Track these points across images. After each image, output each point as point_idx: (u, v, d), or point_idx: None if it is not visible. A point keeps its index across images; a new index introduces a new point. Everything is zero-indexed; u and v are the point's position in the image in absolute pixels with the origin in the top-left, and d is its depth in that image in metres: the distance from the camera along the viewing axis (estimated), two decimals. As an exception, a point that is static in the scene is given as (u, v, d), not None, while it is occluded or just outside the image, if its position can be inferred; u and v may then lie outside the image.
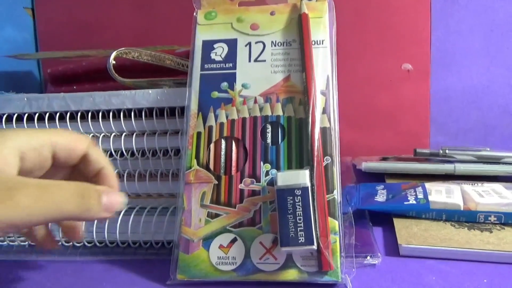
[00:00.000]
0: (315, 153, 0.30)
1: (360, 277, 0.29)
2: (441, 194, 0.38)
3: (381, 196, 0.40)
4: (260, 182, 0.31)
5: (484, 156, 0.45)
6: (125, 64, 0.39)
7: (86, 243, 0.35)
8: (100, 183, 0.27)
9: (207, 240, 0.30)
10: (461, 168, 0.44)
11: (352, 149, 0.59)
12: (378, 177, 0.48)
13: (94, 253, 0.34)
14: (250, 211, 0.30)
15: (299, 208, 0.27)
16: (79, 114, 0.37)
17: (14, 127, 0.37)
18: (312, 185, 0.29)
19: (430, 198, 0.37)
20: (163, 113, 0.36)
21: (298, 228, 0.27)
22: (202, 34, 0.36)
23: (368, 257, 0.31)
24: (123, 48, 0.38)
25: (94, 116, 0.37)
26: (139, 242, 0.34)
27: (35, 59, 0.65)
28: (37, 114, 0.37)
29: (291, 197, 0.28)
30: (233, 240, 0.29)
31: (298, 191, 0.28)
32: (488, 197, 0.37)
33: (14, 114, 0.37)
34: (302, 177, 0.28)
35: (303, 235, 0.27)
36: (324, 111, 0.32)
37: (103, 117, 0.37)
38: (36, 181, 0.22)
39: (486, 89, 0.58)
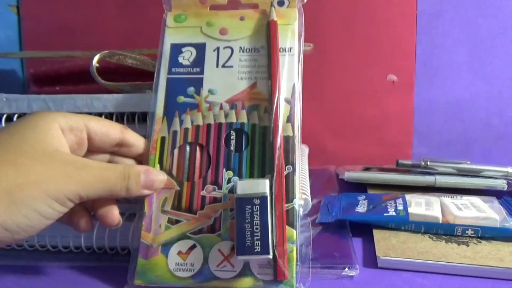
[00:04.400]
0: (276, 162, 0.30)
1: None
2: (420, 206, 0.38)
3: (362, 206, 0.41)
4: (221, 189, 0.31)
5: (464, 169, 0.46)
6: (109, 67, 0.39)
7: (39, 248, 0.34)
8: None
9: (166, 246, 0.30)
10: (442, 180, 0.45)
11: (337, 158, 0.60)
12: (361, 187, 0.48)
13: (48, 259, 0.34)
14: (211, 218, 0.30)
15: (256, 217, 0.27)
16: (59, 116, 0.36)
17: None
18: (271, 194, 0.29)
19: (410, 210, 0.37)
20: (134, 117, 0.35)
21: (255, 237, 0.27)
22: (170, 37, 0.35)
23: (346, 269, 0.31)
24: (106, 51, 0.38)
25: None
26: (92, 248, 0.34)
27: (18, 58, 0.64)
28: (16, 115, 0.36)
29: (250, 206, 0.27)
30: (192, 247, 0.29)
31: (256, 200, 0.27)
32: (466, 210, 0.37)
33: (-8, 114, 0.36)
34: (262, 186, 0.28)
35: (259, 244, 0.27)
36: (289, 119, 0.32)
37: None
38: (96, 163, 0.27)
39: (469, 103, 0.59)
